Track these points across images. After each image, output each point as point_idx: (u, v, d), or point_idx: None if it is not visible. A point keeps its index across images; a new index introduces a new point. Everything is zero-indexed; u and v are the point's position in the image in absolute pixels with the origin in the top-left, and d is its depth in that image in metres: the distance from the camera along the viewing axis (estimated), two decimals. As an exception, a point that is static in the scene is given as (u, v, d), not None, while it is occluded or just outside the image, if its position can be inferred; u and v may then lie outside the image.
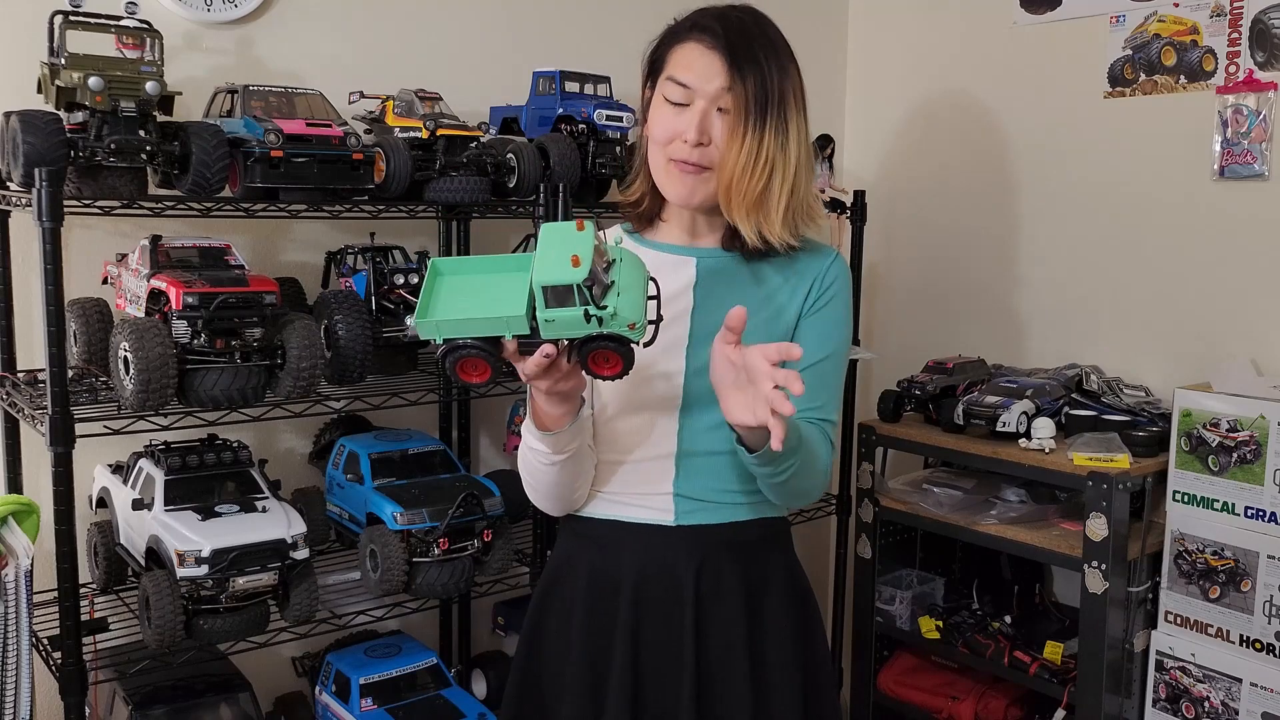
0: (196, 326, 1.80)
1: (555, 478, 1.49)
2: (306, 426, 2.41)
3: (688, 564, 1.51)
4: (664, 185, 1.50)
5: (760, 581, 1.55)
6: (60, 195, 1.69)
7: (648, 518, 1.52)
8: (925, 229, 3.11)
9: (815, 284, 1.52)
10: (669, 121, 1.46)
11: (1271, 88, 2.41)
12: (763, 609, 1.55)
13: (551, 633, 1.60)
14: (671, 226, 1.56)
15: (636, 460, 1.52)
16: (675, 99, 1.45)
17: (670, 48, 1.50)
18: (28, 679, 1.63)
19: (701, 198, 1.47)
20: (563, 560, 1.62)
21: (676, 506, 1.51)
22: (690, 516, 1.51)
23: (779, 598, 1.56)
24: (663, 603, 1.51)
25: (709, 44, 1.45)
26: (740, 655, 1.51)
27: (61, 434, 1.73)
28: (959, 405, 2.51)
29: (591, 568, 1.56)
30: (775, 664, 1.53)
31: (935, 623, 2.65)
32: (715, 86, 1.43)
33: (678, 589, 1.51)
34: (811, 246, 1.55)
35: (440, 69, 2.50)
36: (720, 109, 1.44)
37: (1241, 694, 2.17)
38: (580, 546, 1.58)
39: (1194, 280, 2.57)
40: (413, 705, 2.16)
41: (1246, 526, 2.16)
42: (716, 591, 1.52)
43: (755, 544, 1.55)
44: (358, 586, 2.16)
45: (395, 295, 2.15)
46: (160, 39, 1.90)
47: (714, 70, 1.43)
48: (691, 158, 1.44)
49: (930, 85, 3.10)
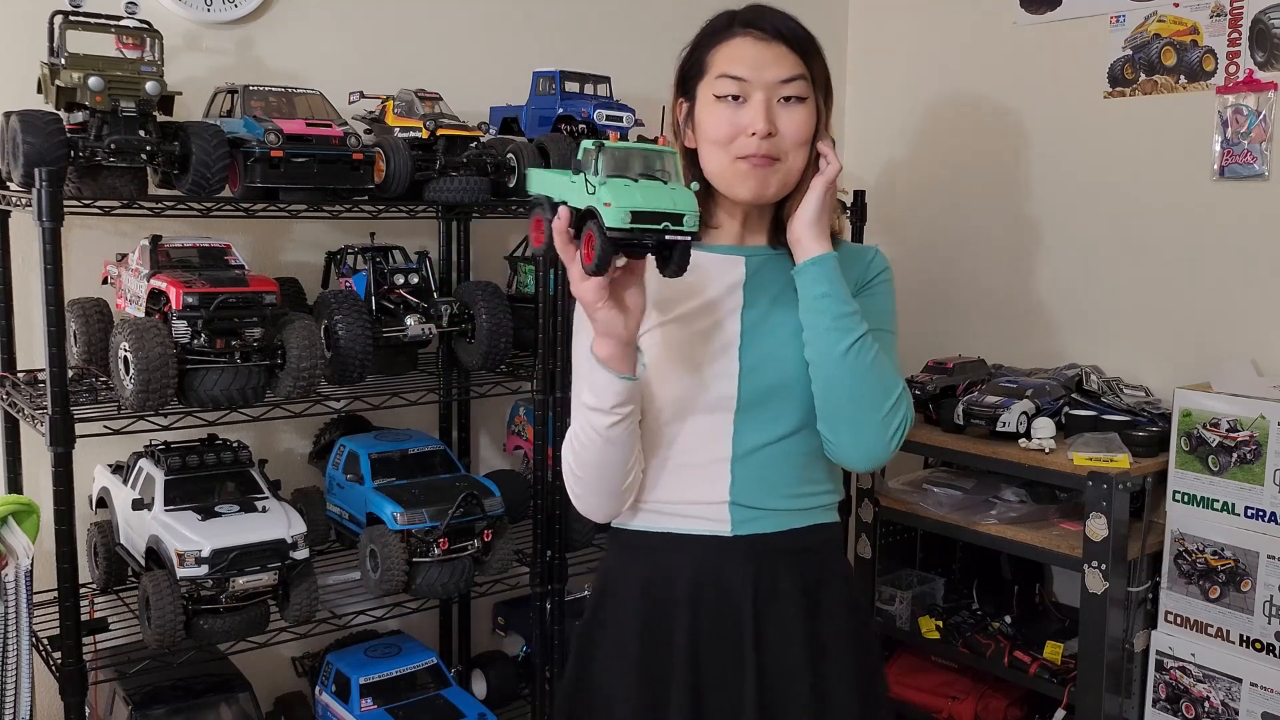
0: (196, 326, 1.80)
1: (604, 455, 1.42)
2: (306, 426, 2.41)
3: (745, 575, 1.48)
4: (731, 186, 1.47)
5: (817, 589, 1.52)
6: (60, 195, 1.69)
7: (703, 529, 1.49)
8: (925, 229, 3.11)
9: (863, 271, 1.54)
10: (727, 118, 1.44)
11: (1271, 88, 2.41)
12: (821, 616, 1.51)
13: (604, 650, 1.55)
14: (724, 229, 1.54)
15: (690, 465, 1.49)
16: (729, 92, 1.44)
17: (711, 49, 1.48)
18: (28, 679, 1.63)
19: (776, 189, 1.47)
20: (613, 575, 1.57)
21: (733, 516, 1.48)
22: (746, 526, 1.48)
23: (836, 604, 1.53)
24: (721, 614, 1.48)
25: (760, 36, 1.45)
26: (802, 664, 1.48)
27: (61, 434, 1.73)
28: (959, 405, 2.51)
29: (644, 582, 1.52)
30: (835, 673, 1.51)
31: (935, 623, 2.65)
32: (775, 76, 1.43)
33: (736, 600, 1.48)
34: (855, 245, 1.59)
35: (440, 69, 2.50)
36: (785, 98, 1.44)
37: (1241, 694, 2.17)
38: (631, 560, 1.54)
39: (1194, 280, 2.57)
40: (413, 705, 2.16)
41: (1246, 526, 2.16)
42: (775, 600, 1.49)
43: (811, 551, 1.52)
44: (358, 586, 2.16)
45: (395, 295, 2.15)
46: (160, 39, 1.90)
47: (769, 59, 1.44)
48: (762, 149, 1.43)
49: (930, 85, 3.10)
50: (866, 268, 1.55)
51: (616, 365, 1.36)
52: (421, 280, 2.20)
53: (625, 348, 1.35)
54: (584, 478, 1.46)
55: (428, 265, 2.24)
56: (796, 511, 1.51)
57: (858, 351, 1.42)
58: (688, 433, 1.48)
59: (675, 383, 1.46)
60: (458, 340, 2.24)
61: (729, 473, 1.47)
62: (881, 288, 1.56)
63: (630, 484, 1.48)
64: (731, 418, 1.47)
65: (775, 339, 1.48)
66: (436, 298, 2.20)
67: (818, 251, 1.46)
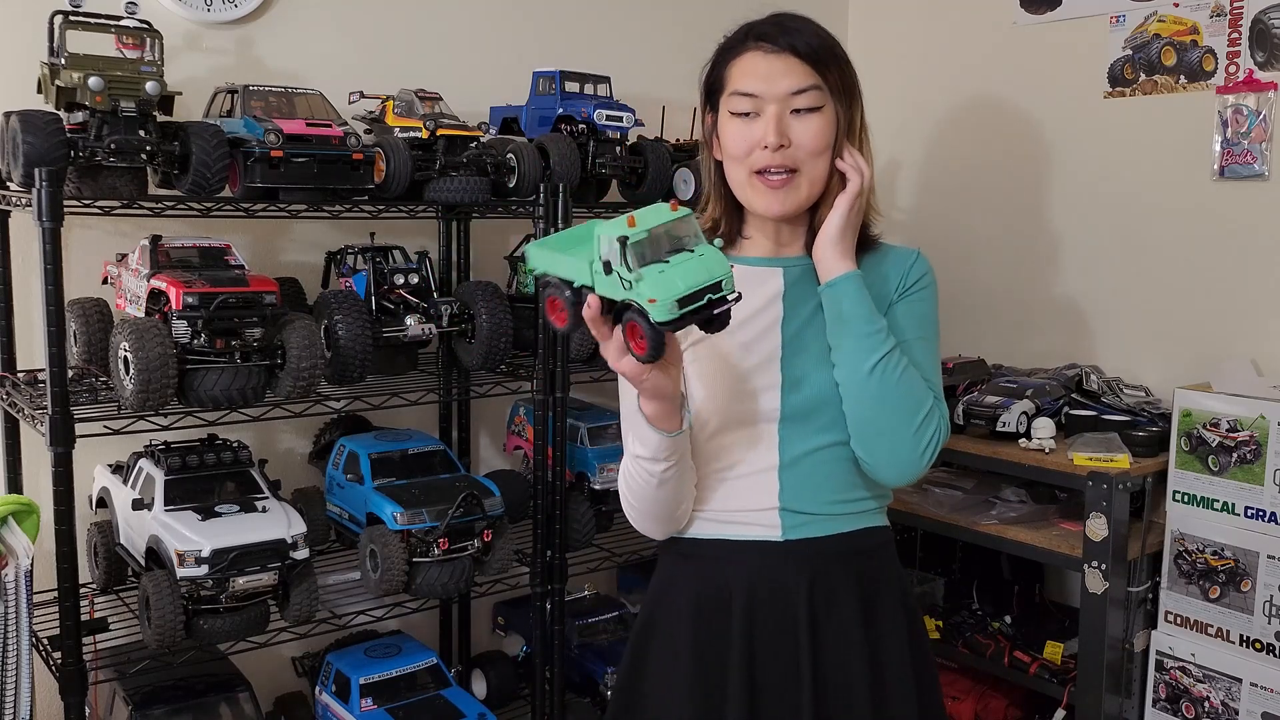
0: (196, 326, 1.80)
1: (658, 494, 1.45)
2: (306, 426, 2.41)
3: (799, 579, 1.48)
4: (750, 200, 1.49)
5: (873, 592, 1.52)
6: (60, 195, 1.69)
7: (755, 534, 1.49)
8: (925, 229, 3.11)
9: (903, 277, 1.54)
10: (742, 134, 1.45)
11: (1271, 88, 2.41)
12: (877, 619, 1.52)
13: (656, 656, 1.56)
14: (756, 240, 1.55)
15: (739, 475, 1.50)
16: (743, 109, 1.45)
17: (726, 65, 1.49)
18: (28, 679, 1.63)
19: (793, 205, 1.47)
20: (666, 583, 1.58)
21: (783, 521, 1.48)
22: (797, 531, 1.49)
23: (892, 607, 1.53)
24: (776, 620, 1.48)
25: (769, 49, 1.44)
26: (859, 666, 1.48)
27: (61, 434, 1.73)
28: (959, 405, 2.51)
29: (697, 588, 1.52)
30: (893, 676, 1.51)
31: (935, 623, 2.65)
32: (783, 88, 1.43)
33: (791, 605, 1.48)
34: (894, 247, 1.58)
35: (440, 69, 2.50)
36: (797, 109, 1.44)
37: (1241, 694, 2.17)
38: (684, 568, 1.55)
39: (1194, 280, 2.57)
40: (413, 705, 2.16)
41: (1246, 526, 2.16)
42: (830, 604, 1.49)
43: (864, 554, 1.53)
44: (358, 586, 2.16)
45: (395, 295, 2.15)
46: (160, 39, 1.90)
47: (781, 72, 1.43)
48: (774, 162, 1.43)
49: (930, 85, 3.10)
50: (907, 273, 1.54)
51: (664, 424, 1.37)
52: (421, 280, 2.20)
53: (672, 404, 1.36)
54: (639, 508, 1.49)
55: (428, 265, 2.24)
56: (846, 515, 1.51)
57: (883, 369, 1.43)
58: (735, 444, 1.49)
59: (720, 396, 1.48)
60: (458, 340, 2.24)
61: (777, 480, 1.48)
62: (923, 294, 1.55)
63: (685, 510, 1.50)
64: (776, 428, 1.48)
65: (817, 349, 1.48)
66: (436, 298, 2.20)
67: (840, 271, 1.46)
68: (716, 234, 1.54)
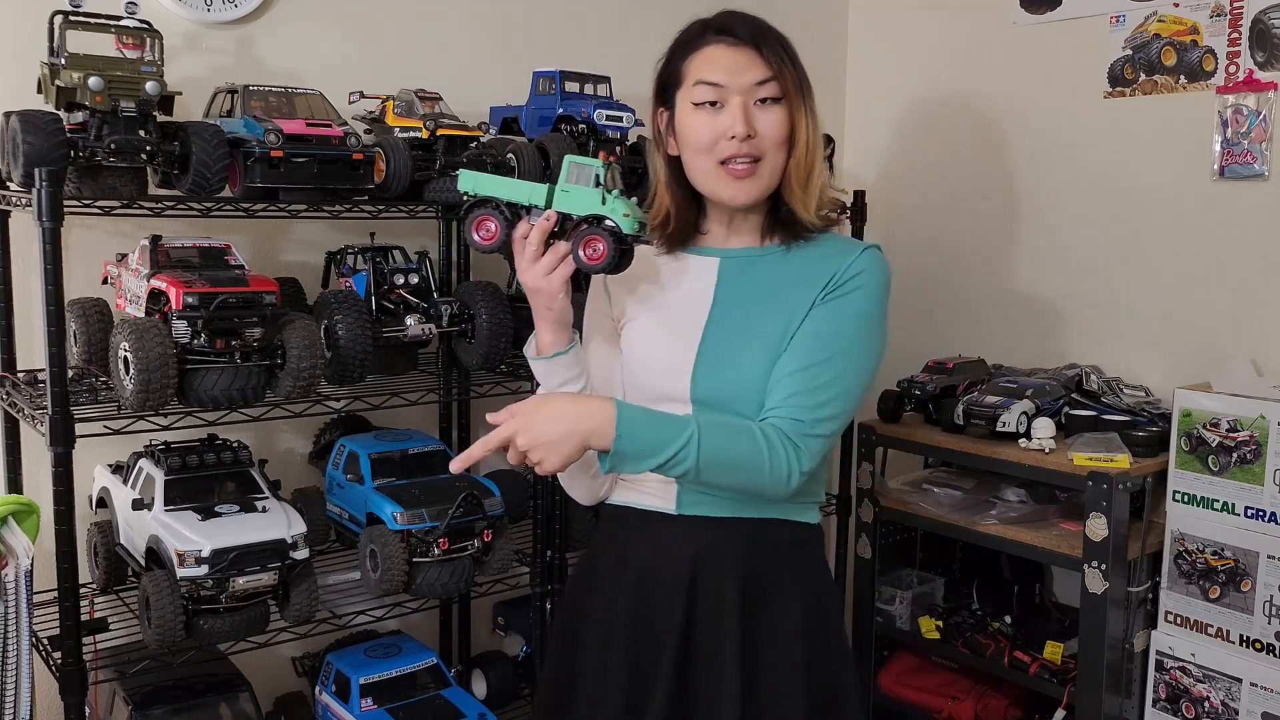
0: (196, 326, 1.80)
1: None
2: (306, 426, 2.41)
3: (685, 550, 1.54)
4: (715, 190, 1.52)
5: (764, 580, 1.54)
6: (60, 195, 1.69)
7: (654, 505, 1.57)
8: (925, 229, 3.11)
9: (836, 274, 1.50)
10: (707, 124, 1.49)
11: (1271, 88, 2.41)
12: (764, 606, 1.53)
13: (576, 610, 1.66)
14: (714, 232, 1.60)
15: None
16: (708, 99, 1.49)
17: (687, 58, 1.53)
18: (28, 679, 1.63)
19: (756, 193, 1.51)
20: (593, 542, 1.72)
21: (680, 496, 1.54)
22: (692, 507, 1.54)
23: (787, 601, 1.54)
24: (662, 591, 1.54)
25: (733, 42, 1.49)
26: (731, 648, 1.51)
27: (61, 434, 1.73)
28: (959, 405, 2.51)
29: (609, 550, 1.63)
30: (773, 661, 1.52)
31: (935, 623, 2.65)
32: (750, 80, 1.48)
33: (677, 574, 1.53)
34: (844, 238, 1.60)
35: (440, 69, 2.50)
36: (761, 100, 1.48)
37: (1241, 694, 2.17)
38: (604, 530, 1.68)
39: (1194, 280, 2.57)
40: (413, 705, 2.16)
41: (1246, 526, 2.16)
42: (712, 583, 1.53)
43: (761, 542, 1.55)
44: (358, 586, 2.16)
45: (395, 295, 2.15)
46: (160, 39, 1.90)
47: (745, 64, 1.48)
48: (742, 151, 1.47)
49: (930, 85, 3.10)
50: (843, 270, 1.50)
51: (558, 344, 1.52)
52: (421, 280, 2.20)
53: (568, 331, 1.53)
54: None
55: (428, 265, 2.24)
56: (744, 502, 1.53)
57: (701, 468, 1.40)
58: None
59: (642, 371, 1.57)
60: (458, 340, 2.24)
61: None
62: (854, 294, 1.49)
63: (599, 478, 1.59)
64: (688, 408, 1.52)
65: (739, 341, 1.51)
66: (436, 298, 2.20)
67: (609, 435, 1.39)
68: (668, 229, 1.59)
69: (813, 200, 1.52)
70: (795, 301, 1.50)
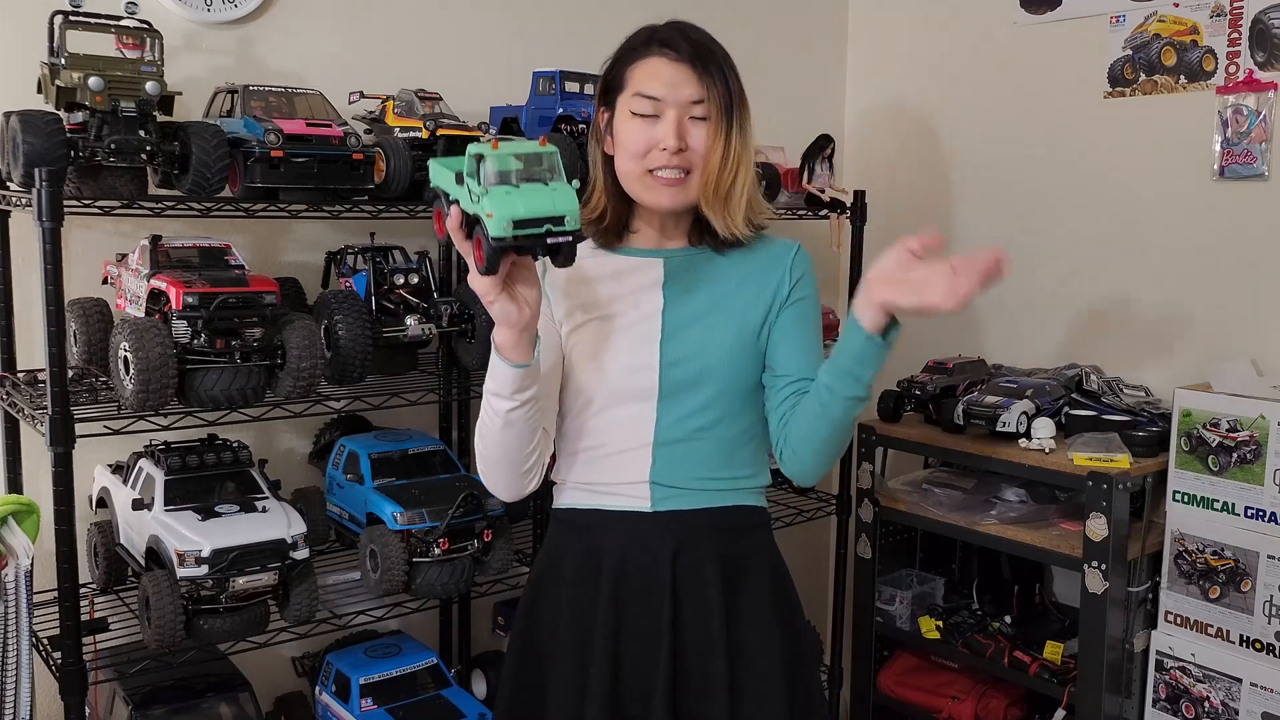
0: (196, 326, 1.80)
1: (502, 437, 1.51)
2: (306, 426, 2.41)
3: (664, 546, 1.58)
4: (641, 195, 1.58)
5: (739, 566, 1.62)
6: (60, 195, 1.69)
7: (626, 505, 1.60)
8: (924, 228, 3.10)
9: (786, 274, 1.63)
10: (641, 134, 1.54)
11: (1271, 88, 2.41)
12: (741, 590, 1.62)
13: (542, 620, 1.66)
14: (643, 232, 1.65)
15: (617, 451, 1.60)
16: (645, 111, 1.54)
17: (629, 66, 1.58)
18: (28, 679, 1.63)
19: (682, 201, 1.58)
20: (551, 547, 1.69)
21: (653, 494, 1.59)
22: (666, 503, 1.59)
23: (757, 579, 1.63)
24: (643, 586, 1.58)
25: (673, 57, 1.55)
26: (718, 636, 1.57)
27: (61, 434, 1.73)
28: (959, 405, 2.51)
29: (577, 555, 1.63)
30: (754, 641, 1.60)
31: (935, 623, 2.65)
32: (685, 95, 1.53)
33: (657, 570, 1.58)
34: (773, 240, 1.67)
35: (440, 69, 2.50)
36: (694, 116, 1.54)
37: (1241, 694, 2.17)
38: (566, 535, 1.66)
39: (1194, 280, 2.57)
40: (413, 705, 2.16)
41: (1246, 526, 2.16)
42: (693, 572, 1.59)
43: (733, 530, 1.63)
44: (358, 586, 2.16)
45: (395, 295, 2.15)
46: (160, 39, 1.90)
47: (682, 80, 1.53)
48: (672, 163, 1.53)
49: (930, 85, 3.10)
50: (789, 270, 1.64)
51: (509, 353, 1.44)
52: (421, 280, 2.20)
53: (521, 335, 1.42)
54: (487, 457, 1.56)
55: (428, 265, 2.24)
56: (716, 492, 1.61)
57: (857, 408, 1.53)
58: (613, 421, 1.60)
59: (599, 375, 1.59)
60: (458, 340, 2.24)
61: (650, 456, 1.59)
62: (812, 297, 1.66)
63: (530, 467, 1.57)
64: (654, 405, 1.58)
65: (695, 334, 1.59)
66: (436, 298, 2.20)
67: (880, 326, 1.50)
68: (602, 224, 1.63)
69: (736, 216, 1.58)
70: (747, 297, 1.61)
